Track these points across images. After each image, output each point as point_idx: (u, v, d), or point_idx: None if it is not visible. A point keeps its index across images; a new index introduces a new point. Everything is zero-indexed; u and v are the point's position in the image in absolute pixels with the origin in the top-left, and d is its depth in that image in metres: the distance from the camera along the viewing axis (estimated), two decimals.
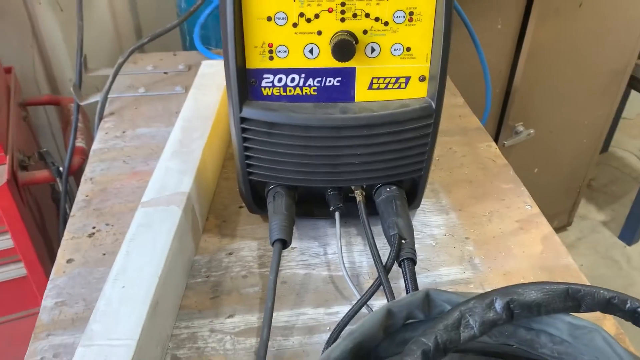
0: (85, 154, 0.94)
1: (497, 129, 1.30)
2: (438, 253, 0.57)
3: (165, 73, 0.86)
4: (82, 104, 0.80)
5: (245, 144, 0.51)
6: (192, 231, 0.55)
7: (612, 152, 2.15)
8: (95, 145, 0.71)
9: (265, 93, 0.50)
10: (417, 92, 0.51)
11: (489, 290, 0.37)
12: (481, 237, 0.59)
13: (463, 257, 0.56)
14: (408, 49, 0.49)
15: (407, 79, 0.50)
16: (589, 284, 0.55)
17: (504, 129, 1.29)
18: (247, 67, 0.49)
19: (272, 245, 0.51)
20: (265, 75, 0.49)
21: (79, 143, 0.95)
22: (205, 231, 0.59)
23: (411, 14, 0.47)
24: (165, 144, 0.70)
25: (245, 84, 0.49)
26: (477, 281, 0.54)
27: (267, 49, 0.48)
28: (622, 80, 1.43)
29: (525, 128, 1.29)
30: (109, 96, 0.78)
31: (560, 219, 1.69)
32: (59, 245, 0.57)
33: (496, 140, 1.32)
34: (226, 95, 0.69)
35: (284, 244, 0.51)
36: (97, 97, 0.80)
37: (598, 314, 0.38)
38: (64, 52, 1.16)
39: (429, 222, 0.60)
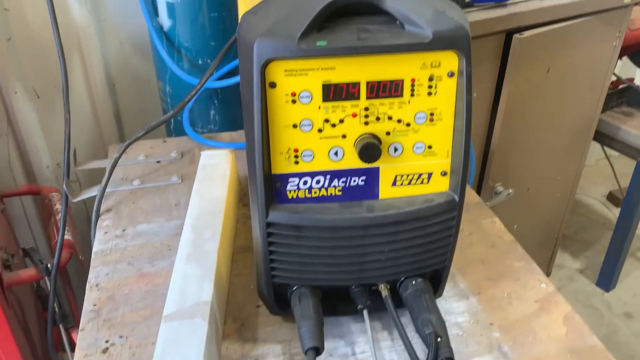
0: (72, 247, 0.91)
1: (477, 190, 1.33)
2: (467, 343, 0.56)
3: (158, 162, 0.85)
4: (75, 201, 0.77)
5: (270, 248, 0.50)
6: (216, 341, 0.52)
7: (578, 199, 2.22)
8: (96, 247, 0.68)
9: (290, 196, 0.49)
10: (440, 186, 0.51)
11: None
12: (505, 321, 0.59)
13: (492, 345, 0.56)
14: (430, 147, 0.50)
15: (430, 174, 0.51)
16: None
17: (485, 190, 1.32)
18: (273, 172, 0.48)
19: (305, 353, 0.49)
20: (290, 179, 0.49)
21: (66, 236, 0.92)
22: (224, 337, 0.56)
23: (432, 114, 0.48)
24: (170, 240, 0.68)
25: (271, 188, 0.49)
26: None
27: (293, 154, 0.48)
28: (588, 134, 1.50)
29: (504, 188, 1.32)
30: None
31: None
32: (43, 343, 0.53)
33: None
34: (231, 187, 0.69)
35: (317, 350, 0.49)
36: (90, 193, 0.77)
37: None
38: (40, 138, 1.13)
39: (452, 310, 0.60)
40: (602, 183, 2.31)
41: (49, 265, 0.86)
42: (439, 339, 0.49)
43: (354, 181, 0.50)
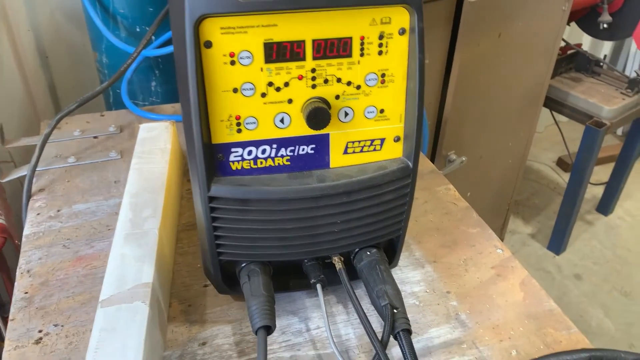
0: (6, 231, 0.84)
1: (431, 159, 1.32)
2: (423, 313, 0.54)
3: (95, 137, 0.79)
4: (4, 181, 0.71)
5: (214, 224, 0.47)
6: (160, 325, 0.49)
7: (529, 165, 2.26)
8: (27, 230, 0.63)
9: (234, 167, 0.46)
10: (393, 152, 0.49)
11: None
12: (462, 289, 0.57)
13: (449, 314, 0.54)
14: (382, 111, 0.47)
15: (382, 140, 0.48)
16: (572, 325, 0.55)
17: (438, 159, 1.32)
18: (213, 142, 0.44)
19: (256, 333, 0.46)
20: (233, 149, 0.45)
21: None
22: (170, 320, 0.53)
23: (383, 75, 0.45)
24: (109, 220, 0.64)
25: (212, 160, 0.45)
26: (468, 339, 0.52)
27: (235, 121, 0.44)
28: (539, 100, 1.51)
29: (457, 156, 1.32)
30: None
31: None
32: None
33: None
34: (173, 161, 0.65)
35: (268, 329, 0.46)
36: (20, 173, 0.71)
37: None
38: None
39: (407, 279, 0.58)
40: (551, 149, 2.36)
41: None
42: (395, 311, 0.47)
43: (303, 150, 0.47)
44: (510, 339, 0.52)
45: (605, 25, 1.59)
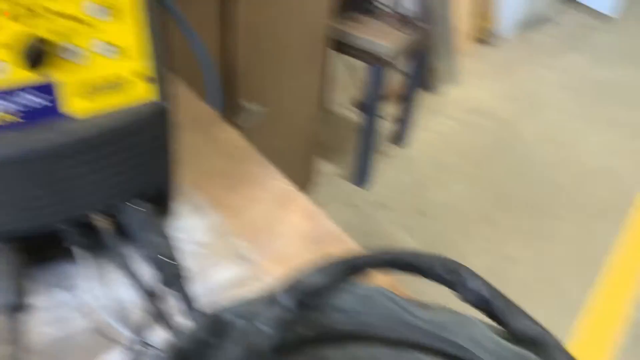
0: None
1: (230, 112, 1.29)
2: (207, 257, 0.53)
3: None
4: None
5: None
6: None
7: (327, 108, 2.35)
8: None
9: None
10: (141, 94, 0.45)
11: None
12: (245, 227, 0.57)
13: (235, 254, 0.53)
14: (118, 47, 0.42)
15: (126, 81, 0.44)
16: (353, 243, 0.57)
17: (238, 111, 1.29)
18: None
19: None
20: None
21: None
22: None
23: (110, 6, 0.41)
24: None
25: None
26: (254, 274, 0.51)
27: None
28: (323, 41, 1.55)
29: (258, 107, 1.31)
30: None
31: (306, 182, 1.80)
32: None
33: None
34: None
35: (16, 307, 0.41)
36: None
37: None
38: None
39: (188, 227, 0.56)
40: (346, 91, 2.48)
41: None
42: (168, 261, 0.45)
43: (29, 100, 0.40)
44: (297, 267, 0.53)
45: None
